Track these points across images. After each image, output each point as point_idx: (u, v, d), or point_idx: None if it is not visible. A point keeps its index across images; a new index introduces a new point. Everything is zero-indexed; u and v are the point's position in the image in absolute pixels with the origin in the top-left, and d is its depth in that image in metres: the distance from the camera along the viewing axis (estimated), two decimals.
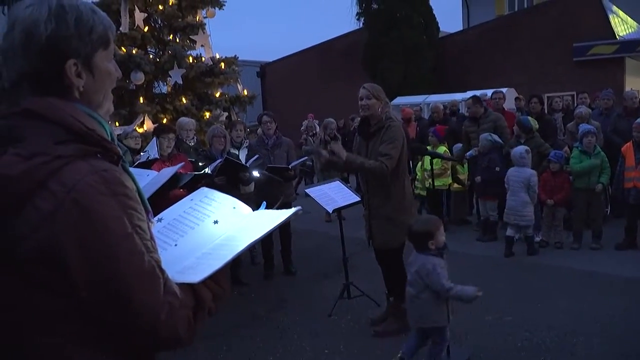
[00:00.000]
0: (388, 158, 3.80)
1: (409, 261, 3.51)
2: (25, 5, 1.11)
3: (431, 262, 3.30)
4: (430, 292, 3.33)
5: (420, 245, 3.39)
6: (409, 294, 3.42)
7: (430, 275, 3.27)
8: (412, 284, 3.41)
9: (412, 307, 3.43)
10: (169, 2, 8.47)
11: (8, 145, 1.04)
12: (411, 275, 3.42)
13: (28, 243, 1.01)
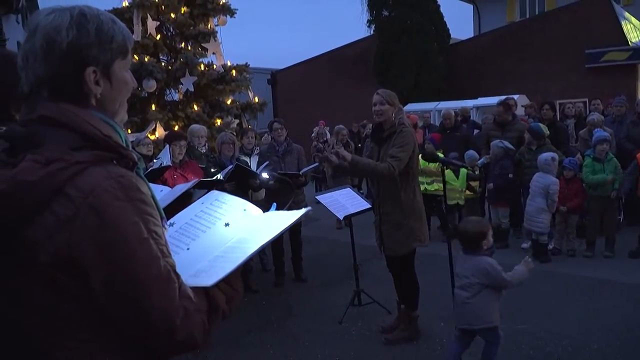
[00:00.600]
0: (396, 160, 3.81)
1: (458, 268, 3.53)
2: (47, 12, 1.13)
3: (486, 262, 3.37)
4: (487, 292, 3.37)
5: (473, 246, 3.43)
6: (461, 297, 3.44)
7: (490, 274, 3.33)
8: (465, 287, 3.41)
9: (465, 309, 3.43)
10: (181, 11, 8.55)
11: (26, 152, 1.06)
12: (464, 278, 3.43)
13: (46, 249, 1.02)
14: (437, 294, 4.92)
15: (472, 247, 3.44)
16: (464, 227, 3.53)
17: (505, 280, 3.34)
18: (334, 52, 20.11)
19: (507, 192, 6.57)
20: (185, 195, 4.04)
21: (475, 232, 3.42)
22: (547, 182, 6.03)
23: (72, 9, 1.13)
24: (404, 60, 16.08)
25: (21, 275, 1.06)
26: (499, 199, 6.80)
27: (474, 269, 3.37)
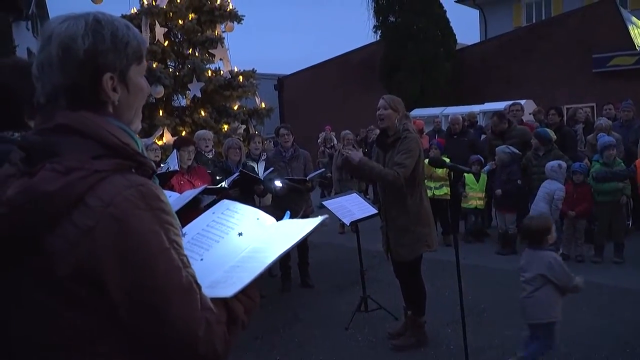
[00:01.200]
0: (402, 167, 3.81)
1: (522, 263, 3.64)
2: (61, 20, 1.12)
3: (551, 256, 3.48)
4: (550, 287, 3.44)
5: (538, 240, 3.55)
6: (524, 292, 3.53)
7: (554, 268, 3.42)
8: (529, 281, 3.51)
9: (529, 303, 3.52)
10: (188, 17, 8.59)
11: (45, 161, 1.04)
12: (529, 273, 3.52)
13: (67, 260, 1.00)
14: (445, 299, 4.91)
15: (536, 242, 3.56)
16: (529, 222, 3.68)
17: (568, 274, 3.43)
18: (340, 58, 20.16)
19: (514, 197, 6.55)
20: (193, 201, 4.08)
21: (540, 228, 3.55)
22: (553, 188, 6.01)
23: (87, 16, 1.12)
24: (410, 65, 16.10)
25: (40, 288, 1.04)
26: (505, 204, 6.77)
27: (537, 263, 3.48)
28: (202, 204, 4.36)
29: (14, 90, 1.57)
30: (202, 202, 4.36)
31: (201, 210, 4.22)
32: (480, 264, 6.29)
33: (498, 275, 5.97)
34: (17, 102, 1.56)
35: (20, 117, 1.58)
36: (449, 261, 4.35)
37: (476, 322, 4.58)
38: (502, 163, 6.75)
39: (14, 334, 1.10)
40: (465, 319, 3.73)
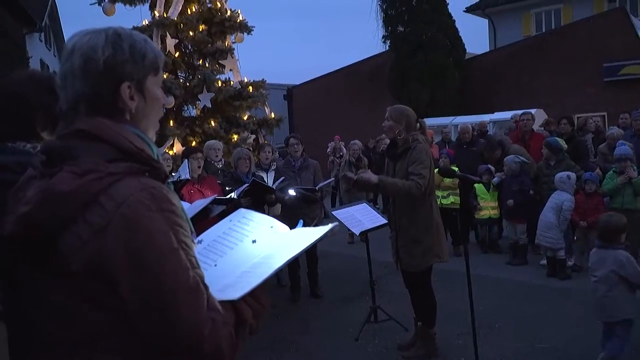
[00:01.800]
0: (421, 177, 3.78)
1: (592, 263, 3.72)
2: (83, 34, 1.20)
3: (622, 254, 3.55)
4: (624, 285, 3.51)
5: (612, 239, 3.62)
6: (599, 291, 3.61)
7: (626, 266, 3.50)
8: (602, 280, 3.58)
9: (603, 302, 3.59)
10: (199, 28, 8.68)
11: (63, 164, 1.10)
12: (600, 271, 3.60)
13: (80, 257, 1.05)
14: (455, 310, 4.87)
15: (611, 240, 3.62)
16: (609, 219, 3.72)
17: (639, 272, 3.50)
18: (349, 68, 20.22)
19: (525, 207, 6.50)
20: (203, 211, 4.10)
21: (619, 226, 3.63)
22: (561, 199, 5.98)
23: (107, 30, 1.20)
24: (420, 75, 16.11)
25: (55, 285, 1.09)
26: (516, 214, 6.72)
27: (609, 261, 3.54)
28: (212, 214, 4.37)
29: (28, 101, 1.59)
30: (212, 212, 4.37)
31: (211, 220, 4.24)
32: (491, 274, 6.24)
33: (509, 286, 5.92)
34: (30, 114, 1.58)
35: (33, 128, 1.60)
36: (459, 272, 4.31)
37: (487, 333, 4.54)
38: (512, 173, 6.71)
39: (31, 329, 1.16)
40: (477, 331, 3.70)
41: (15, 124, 1.58)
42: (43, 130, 1.61)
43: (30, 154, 1.54)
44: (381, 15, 17.43)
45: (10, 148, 1.56)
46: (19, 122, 1.58)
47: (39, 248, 1.09)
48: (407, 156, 3.91)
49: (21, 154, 1.53)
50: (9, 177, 1.35)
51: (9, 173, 1.43)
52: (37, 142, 1.58)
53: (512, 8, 21.66)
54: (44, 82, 1.63)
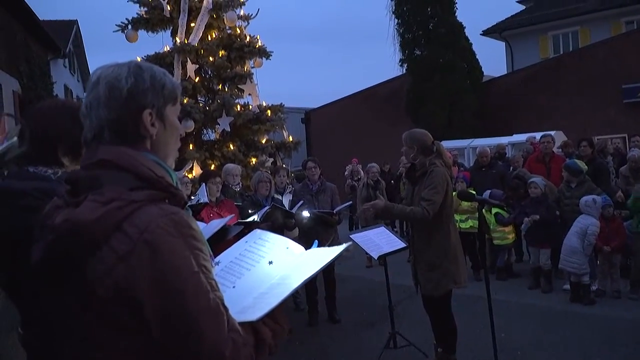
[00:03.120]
0: (430, 203, 3.79)
1: None
2: (108, 66, 1.29)
3: None
4: None
5: None
6: None
7: None
8: None
9: None
10: (219, 54, 8.83)
11: (88, 193, 1.15)
12: None
13: (105, 283, 1.09)
14: (476, 336, 4.79)
15: None
16: None
17: None
18: (366, 91, 20.33)
19: (549, 232, 6.39)
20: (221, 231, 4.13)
21: None
22: (587, 223, 5.88)
23: (129, 63, 1.29)
24: (437, 98, 16.13)
25: (80, 311, 1.13)
26: (539, 239, 6.61)
27: None
28: (230, 235, 4.39)
29: (53, 128, 1.64)
30: (230, 233, 4.39)
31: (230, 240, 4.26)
32: (512, 299, 6.14)
33: (531, 311, 5.82)
34: (53, 140, 1.63)
35: (55, 154, 1.64)
36: (480, 297, 4.27)
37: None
38: (537, 196, 6.63)
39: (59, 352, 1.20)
40: (498, 358, 3.63)
41: (39, 148, 1.62)
42: (64, 156, 1.65)
43: (50, 179, 1.58)
44: (398, 39, 17.55)
45: (31, 173, 1.59)
46: (42, 147, 1.63)
47: (65, 275, 1.13)
48: (425, 180, 3.93)
49: (41, 180, 1.56)
50: (30, 202, 1.39)
51: (29, 199, 1.47)
52: (58, 167, 1.63)
53: (529, 31, 21.71)
54: (68, 110, 1.69)
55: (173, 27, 9.01)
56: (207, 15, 8.75)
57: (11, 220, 1.45)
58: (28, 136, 1.66)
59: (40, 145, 1.63)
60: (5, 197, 1.53)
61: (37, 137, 1.64)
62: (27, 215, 1.30)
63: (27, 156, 1.63)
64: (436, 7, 16.68)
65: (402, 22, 17.28)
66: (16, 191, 1.52)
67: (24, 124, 1.69)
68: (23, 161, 1.64)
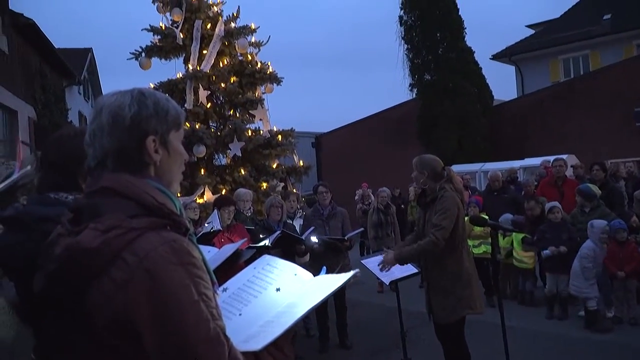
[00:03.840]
0: (438, 229, 3.77)
1: None
2: (111, 94, 1.29)
3: None
4: None
5: None
6: None
7: None
8: None
9: None
10: (230, 80, 8.95)
11: (89, 221, 1.15)
12: None
13: (104, 312, 1.08)
14: None
15: None
16: None
17: None
18: (376, 116, 20.42)
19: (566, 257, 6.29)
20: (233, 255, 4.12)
21: None
22: (586, 245, 5.88)
23: (132, 90, 1.28)
24: (447, 122, 16.16)
25: (81, 339, 1.12)
26: (558, 265, 6.47)
27: None
28: (242, 259, 4.39)
29: (76, 155, 1.66)
30: (242, 257, 4.39)
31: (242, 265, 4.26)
32: (527, 326, 6.03)
33: (546, 339, 5.71)
34: (76, 167, 1.66)
35: (75, 180, 1.67)
36: (493, 323, 4.19)
37: None
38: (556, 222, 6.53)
39: None
40: None
41: (62, 175, 1.66)
42: (84, 182, 1.67)
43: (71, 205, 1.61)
44: (408, 64, 17.69)
45: (53, 199, 1.62)
46: (62, 174, 1.66)
47: (67, 304, 1.13)
48: (435, 205, 3.91)
49: (62, 205, 1.59)
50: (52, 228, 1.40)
51: (51, 224, 1.48)
52: (78, 193, 1.65)
53: (539, 55, 21.79)
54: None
55: (185, 55, 9.17)
56: (219, 42, 8.90)
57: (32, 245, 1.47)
58: (47, 163, 1.69)
59: (60, 171, 1.66)
60: (28, 222, 1.55)
61: (56, 164, 1.67)
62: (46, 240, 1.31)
63: (48, 183, 1.66)
64: (445, 32, 16.85)
65: (411, 48, 17.45)
66: (39, 216, 1.54)
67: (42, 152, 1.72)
68: (44, 188, 1.66)
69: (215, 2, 9.39)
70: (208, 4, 9.25)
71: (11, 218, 1.62)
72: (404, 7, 17.45)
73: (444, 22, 16.78)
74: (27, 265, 1.46)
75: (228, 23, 9.18)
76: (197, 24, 8.86)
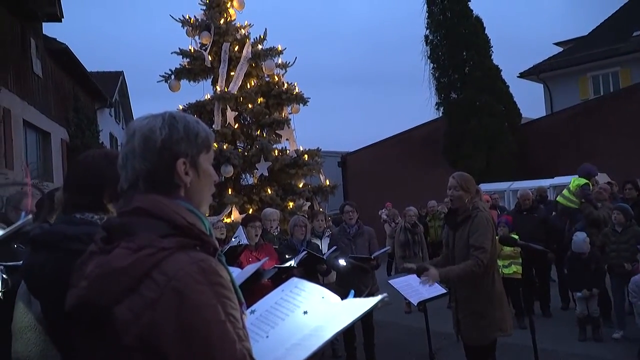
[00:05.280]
0: (482, 251, 3.66)
1: None
2: (143, 118, 1.33)
3: None
4: None
5: None
6: None
7: None
8: None
9: None
10: (257, 101, 9.09)
11: (121, 240, 1.18)
12: None
13: (132, 330, 1.09)
14: None
15: None
16: None
17: None
18: (402, 135, 20.39)
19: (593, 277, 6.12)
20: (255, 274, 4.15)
21: None
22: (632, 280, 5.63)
23: (164, 114, 1.32)
24: (475, 140, 16.04)
25: (110, 354, 1.14)
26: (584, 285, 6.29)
27: None
28: (264, 278, 4.41)
29: (102, 176, 1.71)
30: (264, 276, 4.41)
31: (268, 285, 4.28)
32: (559, 349, 5.86)
33: None
34: (101, 188, 1.70)
35: (101, 201, 1.71)
36: (525, 345, 4.10)
37: None
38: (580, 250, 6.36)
39: None
40: None
41: (88, 196, 1.69)
42: (109, 202, 1.71)
43: (97, 225, 1.64)
44: (434, 83, 17.69)
45: (79, 219, 1.66)
46: (91, 195, 1.69)
47: (96, 322, 1.14)
48: (468, 225, 3.81)
49: (88, 225, 1.63)
50: (79, 247, 1.44)
51: (78, 243, 1.52)
52: (104, 213, 1.69)
53: (568, 72, 21.51)
54: (112, 159, 1.76)
55: (214, 76, 9.37)
56: (247, 64, 9.07)
57: (56, 264, 1.51)
58: (73, 184, 1.74)
59: (85, 192, 1.70)
60: (53, 241, 1.59)
61: (83, 185, 1.71)
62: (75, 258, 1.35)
63: (74, 203, 1.70)
64: (472, 51, 16.82)
65: (437, 67, 17.45)
66: (64, 235, 1.58)
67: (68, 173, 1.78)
68: (70, 208, 1.71)
69: (242, 25, 9.59)
70: (236, 27, 9.47)
71: (38, 237, 1.67)
72: (429, 26, 17.52)
73: (470, 41, 16.76)
74: (52, 284, 1.50)
75: (255, 45, 9.37)
76: (225, 46, 9.06)
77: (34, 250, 1.68)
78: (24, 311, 1.79)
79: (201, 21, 9.32)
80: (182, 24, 9.39)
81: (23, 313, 1.78)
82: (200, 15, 9.47)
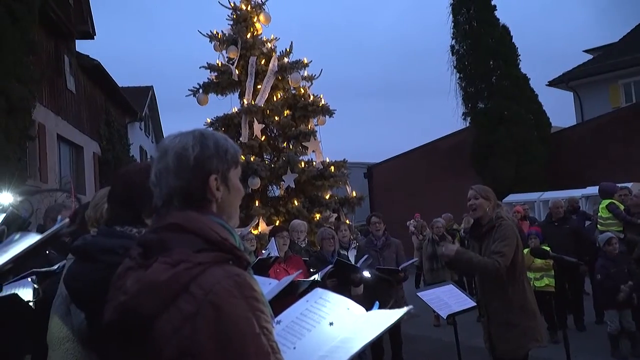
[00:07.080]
0: (501, 256, 3.63)
1: None
2: (174, 136, 1.37)
3: None
4: None
5: None
6: None
7: None
8: None
9: None
10: (284, 113, 9.16)
11: (158, 255, 1.21)
12: None
13: (171, 342, 1.12)
14: None
15: None
16: None
17: None
18: (429, 145, 20.25)
19: None
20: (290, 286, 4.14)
21: None
22: None
23: (194, 132, 1.37)
24: (503, 150, 15.82)
25: None
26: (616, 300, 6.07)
27: None
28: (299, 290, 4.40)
29: (143, 191, 1.75)
30: (300, 288, 4.40)
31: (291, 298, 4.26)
32: None
33: None
34: (142, 202, 1.74)
35: (139, 215, 1.75)
36: None
37: None
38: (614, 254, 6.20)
39: None
40: None
41: (129, 210, 1.74)
42: (148, 217, 1.75)
43: (134, 237, 1.68)
44: (460, 93, 17.56)
45: (119, 232, 1.71)
46: (132, 209, 1.74)
47: (135, 336, 1.18)
48: (493, 234, 3.79)
49: (127, 238, 1.67)
50: (116, 259, 1.47)
51: (114, 256, 1.56)
52: (142, 227, 1.73)
53: (598, 80, 21.07)
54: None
55: (241, 90, 9.48)
56: (273, 77, 9.16)
57: (96, 275, 1.55)
58: (114, 198, 1.79)
59: (125, 206, 1.75)
60: (93, 252, 1.64)
61: (123, 199, 1.77)
62: (112, 271, 1.38)
63: (115, 216, 1.76)
64: (499, 60, 16.67)
65: (464, 76, 17.33)
66: (103, 248, 1.63)
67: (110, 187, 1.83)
68: (111, 221, 1.75)
69: (269, 38, 9.71)
70: (262, 40, 9.58)
71: (79, 248, 1.72)
72: (455, 36, 17.44)
73: (497, 50, 16.61)
74: (92, 295, 1.53)
75: (281, 58, 9.45)
76: (252, 60, 9.17)
77: (76, 261, 1.73)
78: (60, 322, 1.83)
79: (228, 36, 9.45)
80: (210, 39, 9.54)
81: (59, 324, 1.83)
82: (228, 30, 9.61)
